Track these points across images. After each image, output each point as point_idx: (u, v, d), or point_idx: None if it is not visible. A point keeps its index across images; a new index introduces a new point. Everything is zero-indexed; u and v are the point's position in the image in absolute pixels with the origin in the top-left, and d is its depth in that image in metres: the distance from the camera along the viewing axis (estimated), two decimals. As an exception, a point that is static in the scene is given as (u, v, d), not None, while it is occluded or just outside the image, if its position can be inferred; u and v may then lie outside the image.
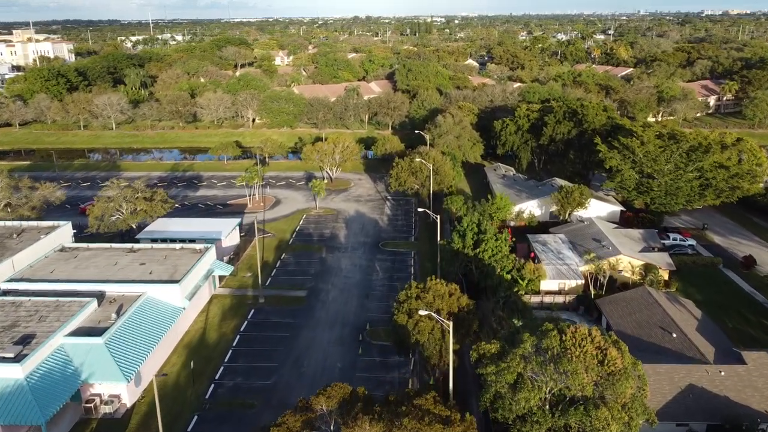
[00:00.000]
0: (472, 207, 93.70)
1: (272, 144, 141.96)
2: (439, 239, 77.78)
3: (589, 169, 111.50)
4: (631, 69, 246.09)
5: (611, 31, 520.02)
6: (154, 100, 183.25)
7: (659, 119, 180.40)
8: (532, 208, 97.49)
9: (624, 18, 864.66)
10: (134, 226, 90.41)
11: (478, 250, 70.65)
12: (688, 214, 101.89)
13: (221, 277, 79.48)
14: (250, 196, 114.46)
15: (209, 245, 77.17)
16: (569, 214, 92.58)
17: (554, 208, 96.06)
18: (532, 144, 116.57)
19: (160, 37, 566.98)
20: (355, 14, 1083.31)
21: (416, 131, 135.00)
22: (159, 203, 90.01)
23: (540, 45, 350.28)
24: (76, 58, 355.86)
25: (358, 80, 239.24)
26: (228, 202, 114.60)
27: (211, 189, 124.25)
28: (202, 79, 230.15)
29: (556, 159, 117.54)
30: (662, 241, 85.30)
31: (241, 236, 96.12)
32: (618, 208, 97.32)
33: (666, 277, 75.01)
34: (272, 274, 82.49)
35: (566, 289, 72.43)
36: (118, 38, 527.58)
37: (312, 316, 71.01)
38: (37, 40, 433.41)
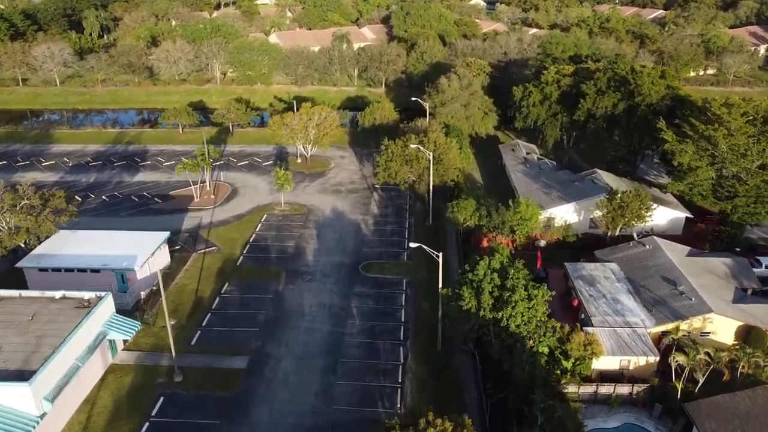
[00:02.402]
0: (486, 216, 68.67)
1: (236, 110, 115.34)
2: (440, 285, 53.14)
3: (637, 154, 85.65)
4: (662, 11, 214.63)
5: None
6: (103, 51, 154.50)
7: (703, 73, 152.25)
8: (566, 214, 72.35)
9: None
10: (23, 245, 65.48)
11: (501, 313, 46.22)
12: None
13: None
14: (198, 185, 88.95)
15: (103, 294, 52.62)
16: (620, 229, 67.39)
17: (597, 213, 70.94)
18: (563, 119, 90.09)
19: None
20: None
21: (413, 98, 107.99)
22: (48, 216, 64.62)
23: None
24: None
25: (352, 23, 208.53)
26: (170, 194, 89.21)
27: (154, 171, 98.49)
28: (173, 23, 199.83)
29: (593, 138, 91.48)
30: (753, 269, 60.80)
31: (175, 249, 71.53)
32: (682, 214, 72.02)
33: (775, 342, 50.85)
34: (203, 323, 58.16)
35: (631, 368, 48.29)
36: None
37: (247, 413, 47.05)
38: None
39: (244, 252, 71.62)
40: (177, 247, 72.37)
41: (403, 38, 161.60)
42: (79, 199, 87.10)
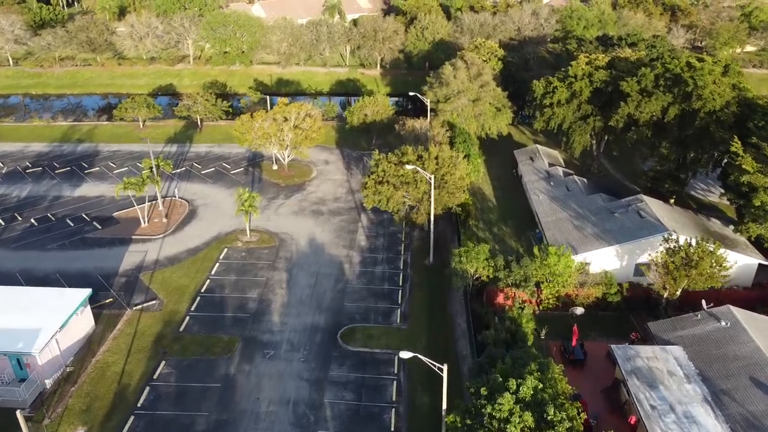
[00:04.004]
0: (504, 268, 52.71)
1: (204, 101, 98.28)
2: (444, 405, 37.55)
3: (688, 170, 69.03)
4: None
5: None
6: (61, 26, 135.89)
7: (740, 51, 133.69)
8: (606, 259, 56.32)
9: None
10: None
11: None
12: None
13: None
14: (148, 206, 72.84)
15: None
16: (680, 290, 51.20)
17: (643, 258, 55.12)
18: (596, 123, 73.02)
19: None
20: None
21: (411, 93, 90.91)
22: None
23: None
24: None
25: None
26: (114, 215, 73.07)
27: (100, 182, 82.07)
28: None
29: (632, 148, 74.74)
30: None
31: (104, 304, 56.01)
32: (755, 260, 55.79)
33: None
34: (122, 435, 42.94)
35: None
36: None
37: None
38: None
39: (192, 308, 55.85)
40: (108, 301, 56.73)
41: (401, 10, 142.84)
42: (2, 223, 71.42)
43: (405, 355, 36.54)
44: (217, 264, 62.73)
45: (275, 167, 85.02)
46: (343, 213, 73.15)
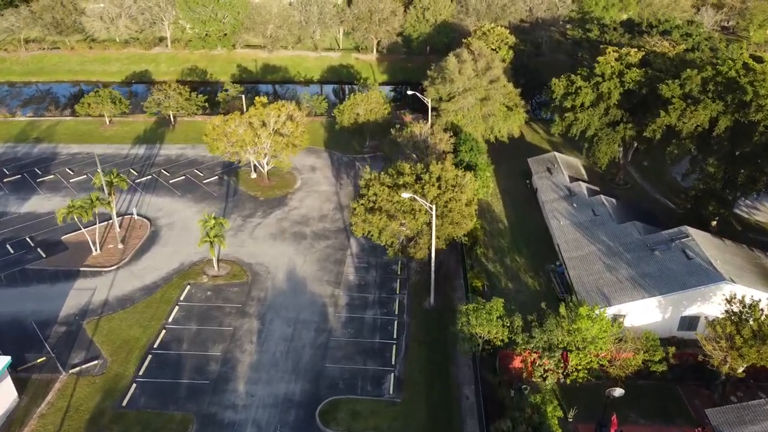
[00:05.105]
0: (523, 330, 42.60)
1: (177, 94, 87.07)
2: None
3: (737, 190, 58.23)
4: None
5: None
6: (25, 5, 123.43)
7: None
8: (645, 313, 46.05)
9: None
10: None
11: None
12: None
13: None
14: (102, 227, 62.44)
15: None
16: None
17: (690, 310, 45.04)
18: (627, 131, 61.93)
19: None
20: None
21: (410, 91, 79.70)
22: None
23: None
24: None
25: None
26: (62, 239, 62.62)
27: (53, 194, 71.53)
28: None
29: (662, 156, 63.68)
30: None
31: (33, 365, 46.13)
32: (828, 311, 45.63)
33: None
34: None
35: None
36: None
37: None
38: None
39: (141, 372, 45.81)
40: (40, 361, 46.73)
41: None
42: (-72, 252, 61.19)
43: None
44: (177, 308, 52.50)
45: (254, 175, 74.35)
46: (329, 236, 62.70)
